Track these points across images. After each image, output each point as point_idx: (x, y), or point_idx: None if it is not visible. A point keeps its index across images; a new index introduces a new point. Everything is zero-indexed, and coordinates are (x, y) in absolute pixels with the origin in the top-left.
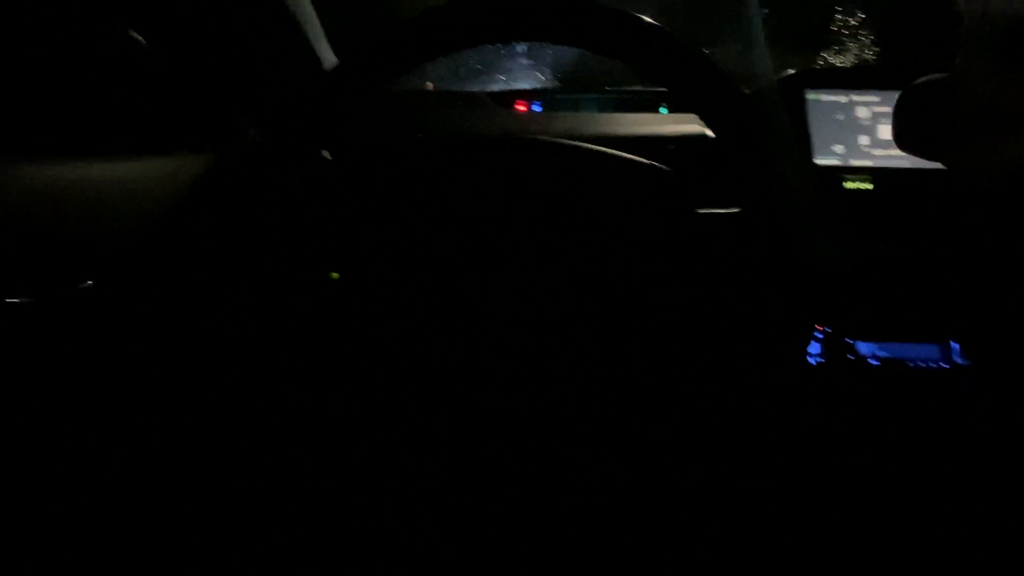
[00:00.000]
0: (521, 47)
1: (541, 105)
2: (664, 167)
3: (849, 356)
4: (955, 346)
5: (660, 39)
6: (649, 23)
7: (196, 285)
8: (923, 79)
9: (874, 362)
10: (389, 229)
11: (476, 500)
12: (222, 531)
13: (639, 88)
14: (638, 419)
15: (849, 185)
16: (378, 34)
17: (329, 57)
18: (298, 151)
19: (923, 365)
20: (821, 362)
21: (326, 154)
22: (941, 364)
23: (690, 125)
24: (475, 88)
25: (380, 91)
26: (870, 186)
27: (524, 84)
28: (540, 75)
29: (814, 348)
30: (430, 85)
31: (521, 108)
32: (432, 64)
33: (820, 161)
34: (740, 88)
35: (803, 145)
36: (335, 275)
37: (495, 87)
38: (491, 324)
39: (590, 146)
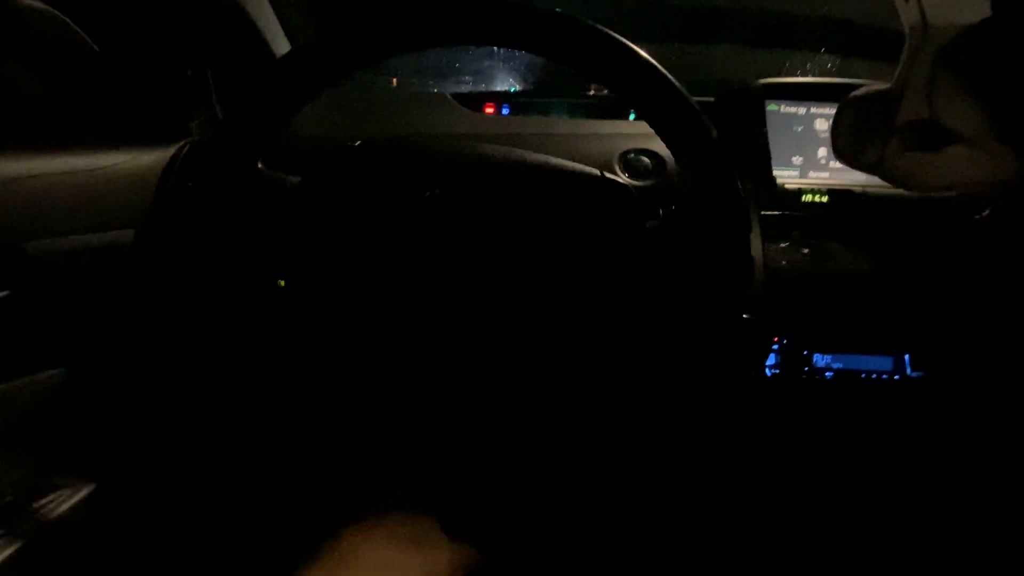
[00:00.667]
0: (491, 48)
1: (510, 108)
2: (614, 180)
3: (805, 368)
4: (907, 358)
5: (601, 42)
6: (589, 25)
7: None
8: (860, 92)
9: (829, 374)
10: (328, 236)
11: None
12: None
13: (610, 92)
14: (592, 429)
15: (806, 199)
16: (328, 31)
17: (282, 43)
18: (247, 145)
19: (876, 377)
20: (777, 373)
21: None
22: (894, 376)
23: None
24: (444, 88)
25: (336, 87)
26: (826, 199)
27: (494, 86)
28: (511, 77)
29: (771, 360)
30: (395, 83)
31: (489, 110)
32: (401, 63)
33: (778, 174)
34: (688, 97)
35: (762, 157)
36: (282, 283)
37: (464, 88)
38: (436, 330)
39: (535, 158)
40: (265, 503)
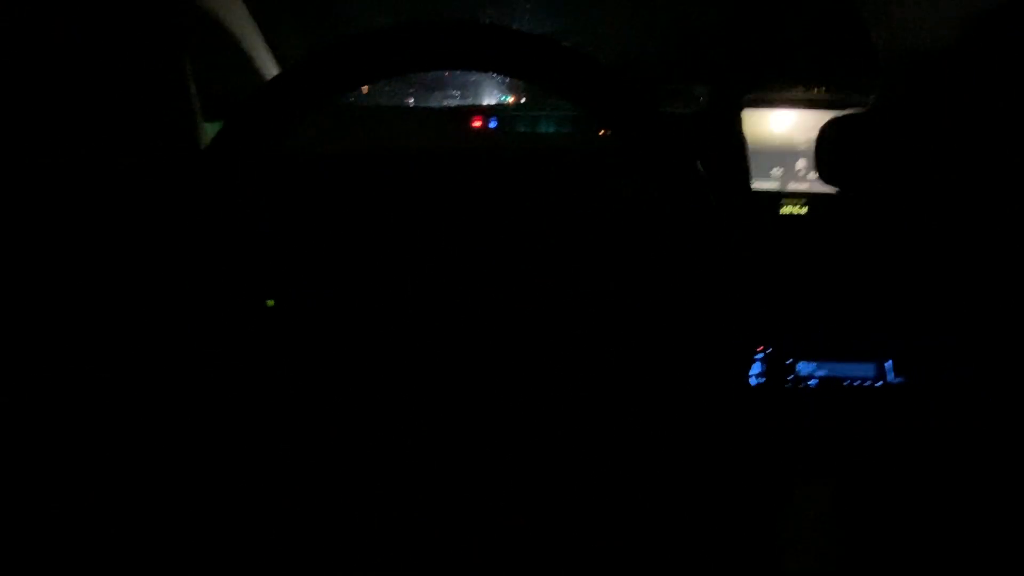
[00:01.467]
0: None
1: (497, 121)
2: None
3: (788, 377)
4: (888, 365)
5: (562, 57)
6: (555, 45)
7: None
8: (841, 114)
9: (812, 382)
10: (318, 245)
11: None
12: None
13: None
14: (572, 440)
15: (785, 211)
16: (314, 51)
17: (271, 65)
18: (233, 166)
19: (858, 384)
20: (761, 382)
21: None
22: (876, 383)
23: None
24: (432, 103)
25: (327, 105)
26: (805, 211)
27: (481, 99)
28: (498, 91)
29: (755, 368)
30: (382, 100)
31: (477, 124)
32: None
33: (757, 186)
34: (658, 112)
35: (741, 169)
36: (271, 302)
37: (451, 102)
38: (419, 336)
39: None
40: (260, 507)
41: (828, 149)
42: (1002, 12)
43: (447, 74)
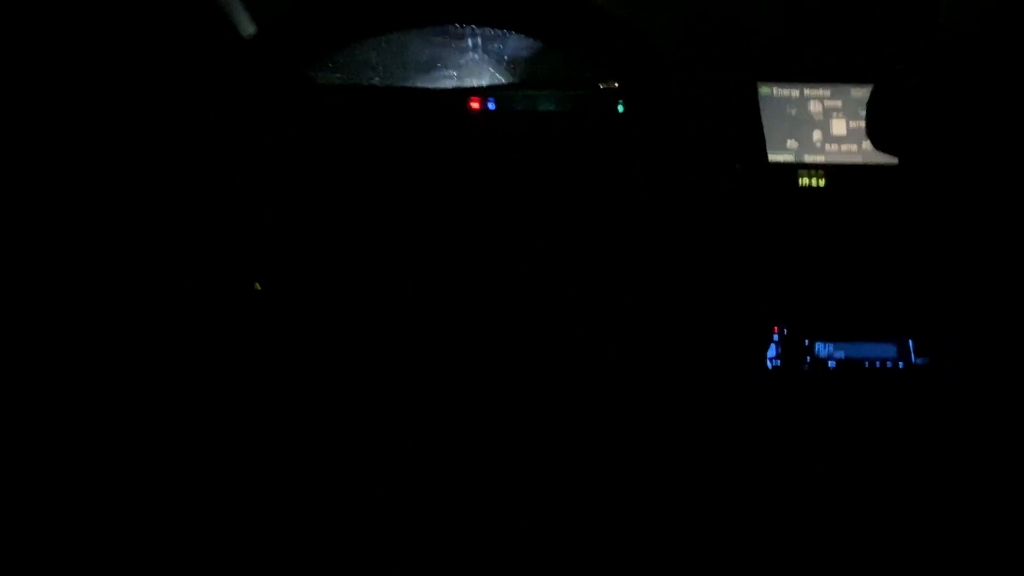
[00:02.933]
0: (474, 41)
1: (495, 102)
2: None
3: (807, 358)
4: (911, 344)
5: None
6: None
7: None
8: (890, 80)
9: (831, 363)
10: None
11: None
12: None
13: (597, 84)
14: (595, 422)
15: (803, 182)
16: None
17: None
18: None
19: (880, 365)
20: (778, 365)
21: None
22: (898, 364)
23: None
24: (428, 84)
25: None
26: (823, 182)
27: (477, 80)
28: (494, 71)
29: (771, 351)
30: (378, 80)
31: (475, 105)
32: (383, 60)
33: (774, 157)
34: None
35: (756, 141)
36: (258, 286)
37: (448, 83)
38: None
39: None
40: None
41: (881, 115)
42: None
43: (443, 55)
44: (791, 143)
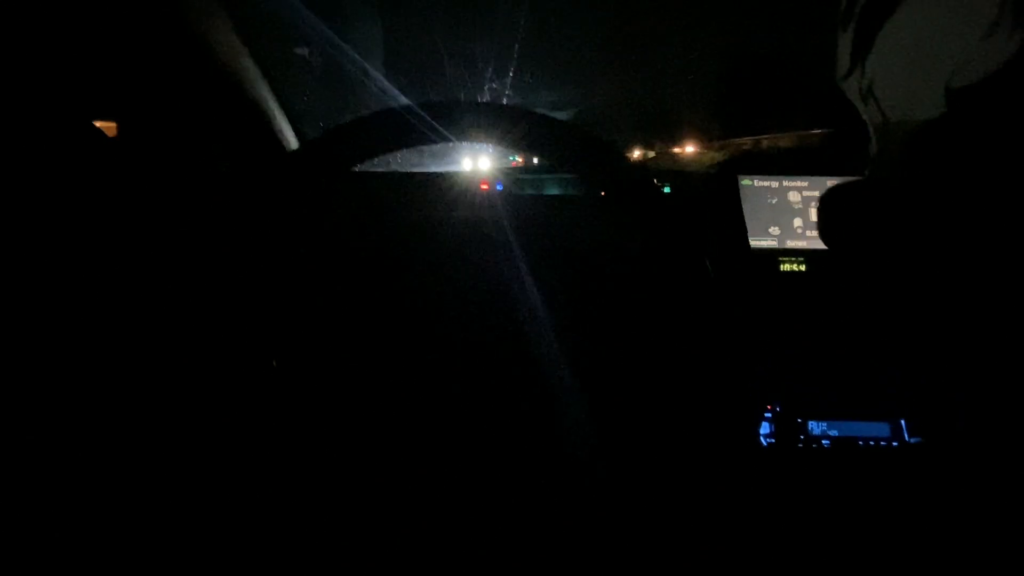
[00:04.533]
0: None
1: (503, 184)
2: None
3: (800, 436)
4: (904, 424)
5: (574, 139)
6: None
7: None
8: (839, 182)
9: (825, 442)
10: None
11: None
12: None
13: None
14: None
15: (785, 268)
16: (341, 124)
17: (292, 139)
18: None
19: (873, 444)
20: (772, 443)
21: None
22: (892, 443)
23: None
24: (440, 167)
25: (344, 173)
26: (803, 267)
27: (488, 163)
28: (504, 154)
29: (765, 428)
30: (394, 166)
31: (484, 187)
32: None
33: (755, 244)
34: (657, 189)
35: (739, 230)
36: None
37: (459, 167)
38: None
39: None
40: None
41: (827, 215)
42: (982, 88)
43: (459, 147)
44: (773, 230)
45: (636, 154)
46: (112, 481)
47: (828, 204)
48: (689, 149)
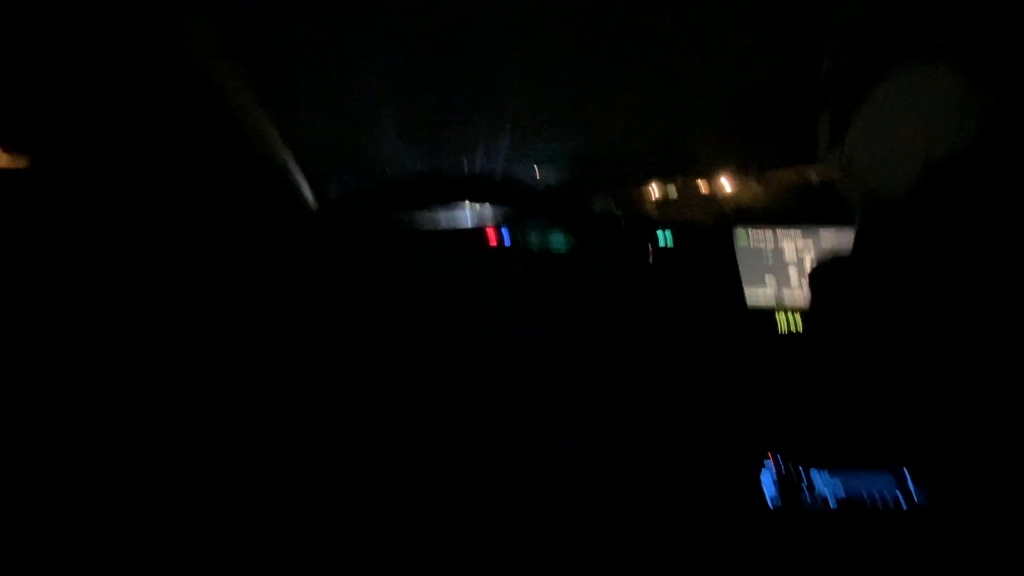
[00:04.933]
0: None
1: (509, 232)
2: None
3: (807, 496)
4: (909, 479)
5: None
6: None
7: None
8: (825, 260)
9: (833, 504)
10: None
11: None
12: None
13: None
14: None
15: (782, 328)
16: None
17: (310, 197)
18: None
19: (881, 505)
20: (779, 506)
21: None
22: (900, 503)
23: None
24: (449, 218)
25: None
26: (800, 328)
27: (495, 211)
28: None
29: (770, 491)
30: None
31: (492, 241)
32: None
33: (753, 294)
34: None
35: (734, 284)
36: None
37: (467, 216)
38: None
39: None
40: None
41: (818, 288)
42: (951, 163)
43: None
44: (769, 280)
45: (654, 189)
46: (119, 480)
47: (812, 271)
48: (685, 181)
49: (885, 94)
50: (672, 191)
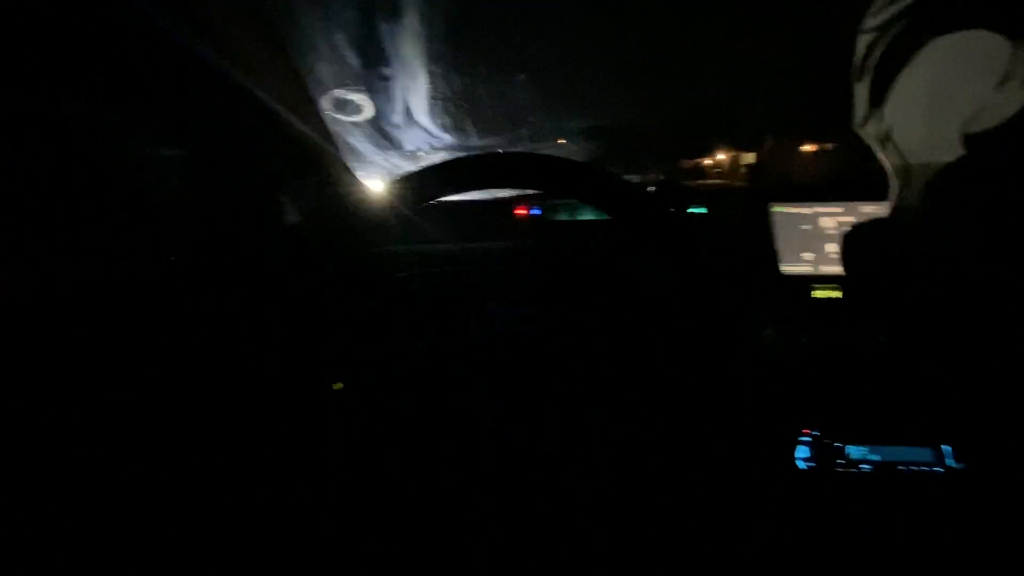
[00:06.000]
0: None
1: (540, 209)
2: None
3: (839, 460)
4: (947, 449)
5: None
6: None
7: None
8: (863, 219)
9: (866, 467)
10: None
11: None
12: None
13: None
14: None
15: (817, 295)
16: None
17: (352, 180)
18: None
19: (916, 469)
20: (812, 467)
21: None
22: (935, 468)
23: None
24: (480, 196)
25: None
26: (839, 294)
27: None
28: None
29: (803, 452)
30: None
31: (522, 212)
32: None
33: (787, 270)
34: (675, 220)
35: (769, 257)
36: (338, 385)
37: (499, 194)
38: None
39: None
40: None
41: (853, 249)
42: (996, 133)
43: None
44: (807, 256)
45: (688, 164)
46: (146, 493)
47: (850, 240)
48: (721, 157)
49: (924, 64)
50: (707, 165)
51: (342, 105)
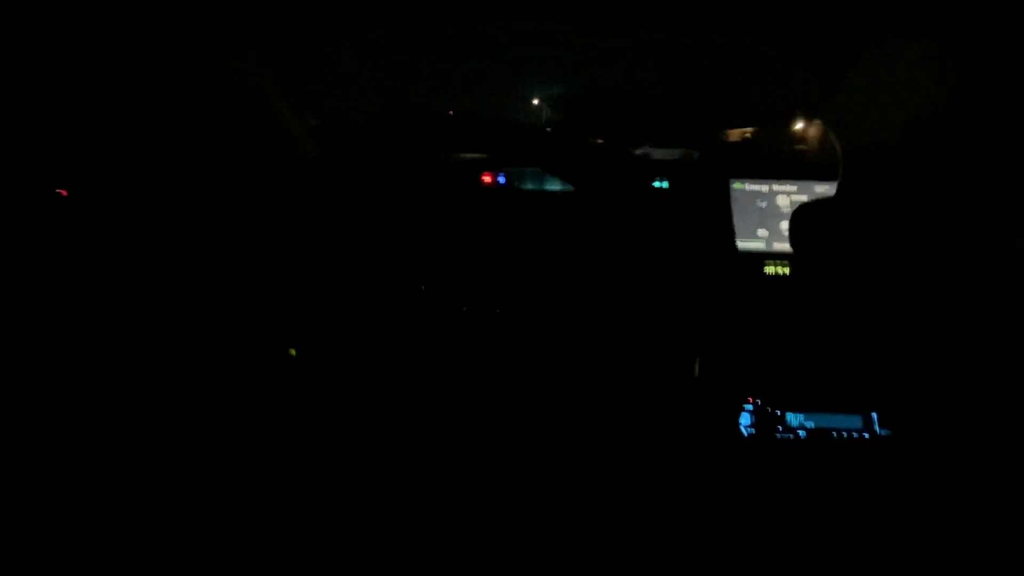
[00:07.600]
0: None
1: (505, 177)
2: None
3: (779, 427)
4: (875, 416)
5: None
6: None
7: None
8: (811, 201)
9: (802, 433)
10: None
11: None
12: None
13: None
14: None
15: (769, 271)
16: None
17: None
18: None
19: (846, 435)
20: (752, 433)
21: None
22: (863, 434)
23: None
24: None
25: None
26: (787, 271)
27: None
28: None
29: (746, 420)
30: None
31: (487, 179)
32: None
33: (745, 246)
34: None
35: (726, 232)
36: (293, 351)
37: (464, 156)
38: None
39: None
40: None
41: (800, 230)
42: (937, 119)
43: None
44: (761, 232)
45: (654, 137)
46: (120, 473)
47: (797, 218)
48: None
49: (879, 51)
50: (671, 140)
51: (299, 60)
